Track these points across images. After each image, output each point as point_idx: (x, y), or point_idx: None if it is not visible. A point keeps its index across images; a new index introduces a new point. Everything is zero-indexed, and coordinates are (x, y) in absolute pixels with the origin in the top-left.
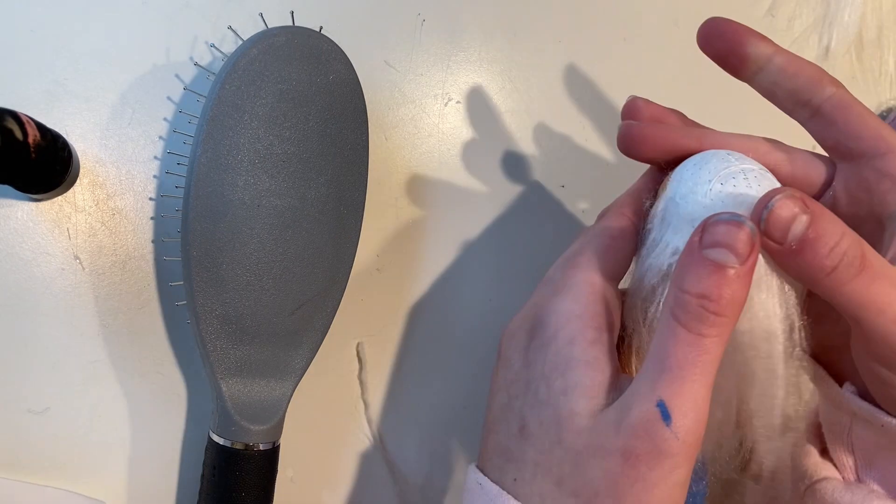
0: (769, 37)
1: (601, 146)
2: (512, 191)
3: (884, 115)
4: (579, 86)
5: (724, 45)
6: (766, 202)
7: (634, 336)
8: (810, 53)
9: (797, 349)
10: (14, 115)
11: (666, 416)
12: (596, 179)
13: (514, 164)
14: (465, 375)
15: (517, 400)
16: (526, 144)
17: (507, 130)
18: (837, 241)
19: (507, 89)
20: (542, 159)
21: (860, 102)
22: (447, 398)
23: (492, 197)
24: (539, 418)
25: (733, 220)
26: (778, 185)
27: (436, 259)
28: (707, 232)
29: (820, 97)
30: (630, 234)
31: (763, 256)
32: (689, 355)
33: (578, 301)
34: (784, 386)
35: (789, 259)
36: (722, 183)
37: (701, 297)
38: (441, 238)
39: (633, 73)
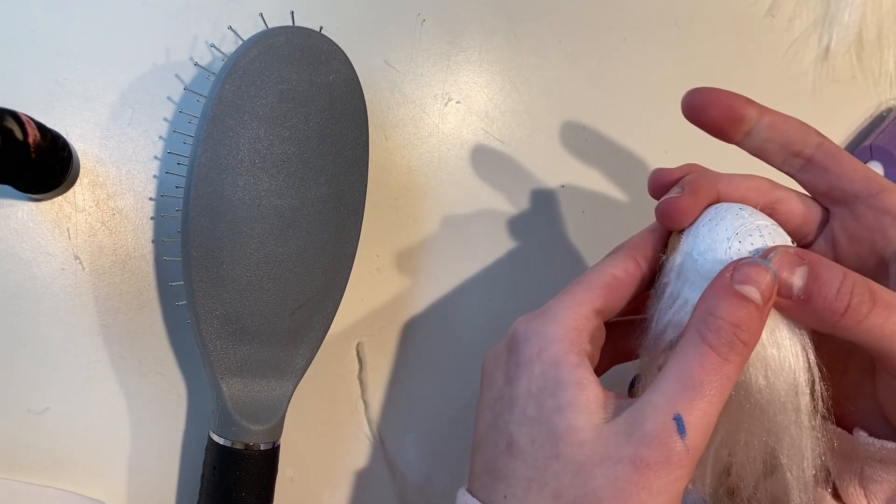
0: (769, 37)
1: (601, 146)
2: (512, 191)
3: (884, 115)
4: (579, 86)
5: (721, 113)
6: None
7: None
8: (810, 53)
9: (819, 402)
10: (14, 115)
11: (682, 429)
12: (596, 179)
13: (513, 165)
14: (465, 375)
15: (502, 417)
16: (526, 144)
17: (507, 130)
18: (842, 282)
19: (507, 89)
20: (542, 159)
21: (843, 149)
22: (447, 398)
23: (491, 197)
24: (530, 435)
25: (761, 263)
26: (789, 239)
27: (436, 259)
28: (738, 270)
29: (811, 147)
30: (634, 279)
31: (778, 315)
32: (713, 377)
33: (561, 325)
34: (811, 439)
35: (801, 310)
36: (741, 241)
37: (735, 326)
38: (441, 238)
39: (633, 73)
